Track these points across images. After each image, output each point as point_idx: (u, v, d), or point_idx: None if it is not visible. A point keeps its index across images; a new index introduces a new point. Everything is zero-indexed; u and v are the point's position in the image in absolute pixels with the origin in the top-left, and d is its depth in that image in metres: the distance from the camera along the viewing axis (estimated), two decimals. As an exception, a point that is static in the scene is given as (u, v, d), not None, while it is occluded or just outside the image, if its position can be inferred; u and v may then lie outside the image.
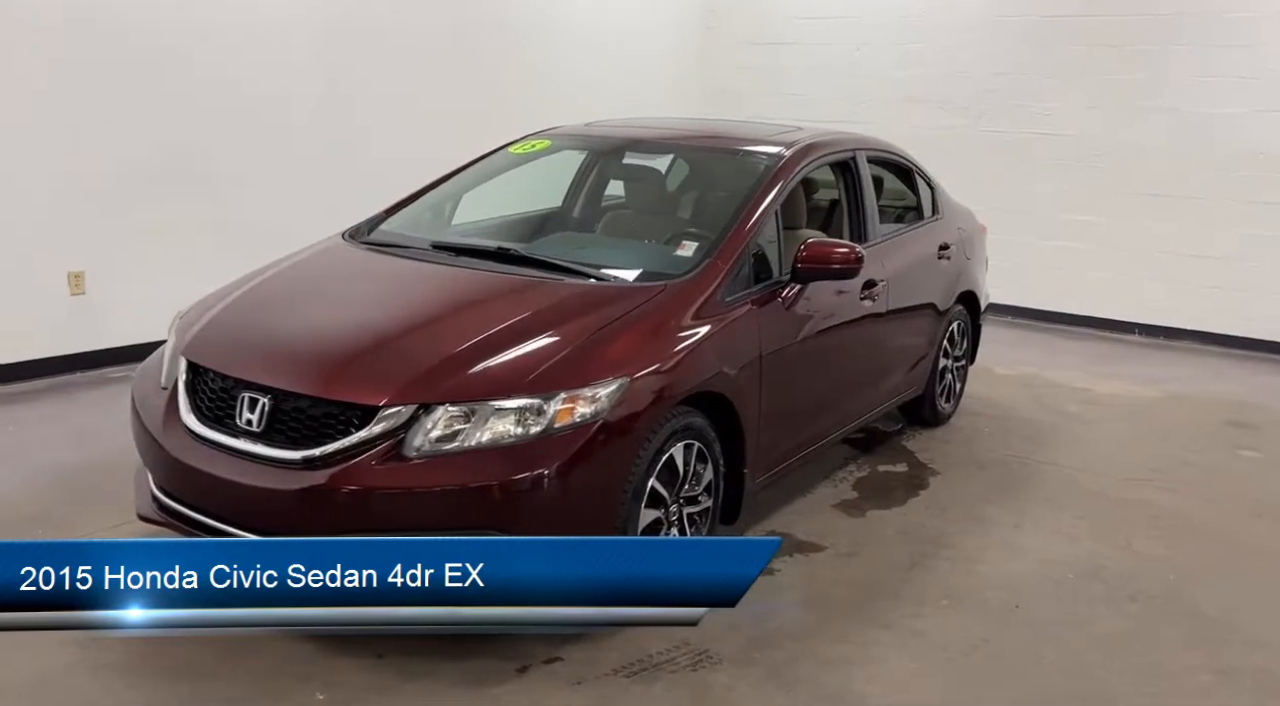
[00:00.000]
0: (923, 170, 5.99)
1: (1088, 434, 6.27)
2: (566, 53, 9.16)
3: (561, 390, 3.37)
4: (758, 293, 4.22)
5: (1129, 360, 8.08)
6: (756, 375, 4.14)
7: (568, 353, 3.51)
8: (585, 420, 3.38)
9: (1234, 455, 6.03)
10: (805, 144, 4.85)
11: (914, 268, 5.51)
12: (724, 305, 4.02)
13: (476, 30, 8.39)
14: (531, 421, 3.33)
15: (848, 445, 5.81)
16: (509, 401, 3.34)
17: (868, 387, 5.21)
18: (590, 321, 3.68)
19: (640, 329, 3.71)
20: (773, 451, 4.42)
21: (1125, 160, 8.69)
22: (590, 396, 3.40)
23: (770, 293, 4.29)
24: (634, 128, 5.40)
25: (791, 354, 4.39)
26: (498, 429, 3.32)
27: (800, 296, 4.40)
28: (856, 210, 5.20)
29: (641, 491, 3.61)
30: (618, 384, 3.45)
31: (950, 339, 6.10)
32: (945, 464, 5.66)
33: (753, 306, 4.16)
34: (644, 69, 9.88)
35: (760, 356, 4.14)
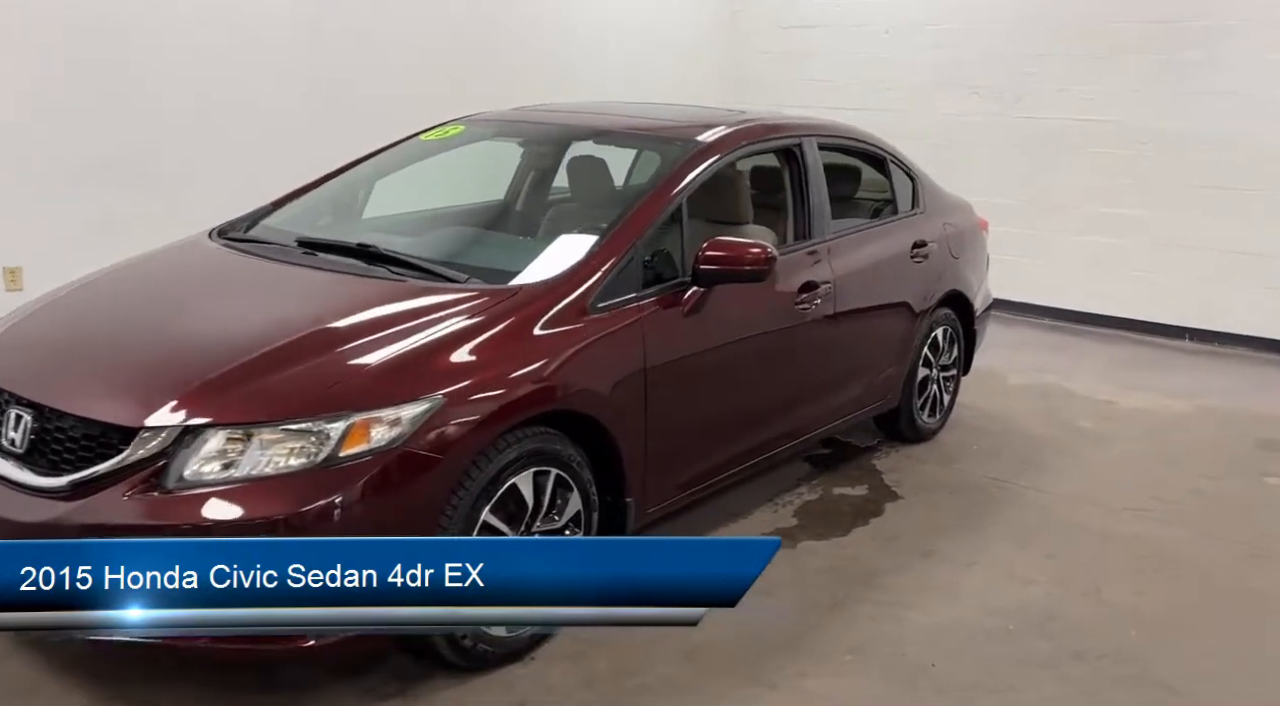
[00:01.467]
0: (901, 159, 5.37)
1: (1093, 454, 5.59)
2: (585, 40, 8.71)
3: (352, 411, 2.90)
4: (649, 297, 3.69)
5: (1169, 369, 7.31)
6: (640, 392, 3.61)
7: (371, 367, 3.03)
8: (383, 446, 2.90)
9: (1257, 482, 5.30)
10: (727, 132, 4.29)
11: (876, 267, 4.91)
12: (596, 311, 3.50)
13: (489, 15, 7.93)
14: (315, 447, 2.85)
15: (808, 462, 5.24)
16: (292, 423, 2.87)
17: (811, 402, 4.63)
18: (414, 330, 3.19)
19: (472, 339, 3.22)
20: (670, 478, 3.90)
21: (1175, 149, 7.88)
22: (390, 418, 2.92)
23: (667, 297, 3.76)
24: (554, 113, 4.89)
25: (694, 367, 3.86)
26: (278, 455, 2.85)
27: (705, 301, 3.86)
28: (801, 203, 4.63)
29: (470, 527, 3.12)
30: (426, 404, 2.97)
31: (933, 346, 5.47)
32: (912, 487, 5.04)
33: (639, 313, 3.63)
34: (666, 56, 9.35)
35: (645, 370, 3.62)
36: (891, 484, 5.07)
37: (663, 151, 4.20)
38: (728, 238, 3.88)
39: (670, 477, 3.89)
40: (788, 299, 4.30)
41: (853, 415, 5.03)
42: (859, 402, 5.03)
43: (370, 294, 3.44)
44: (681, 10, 9.49)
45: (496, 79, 7.83)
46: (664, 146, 4.24)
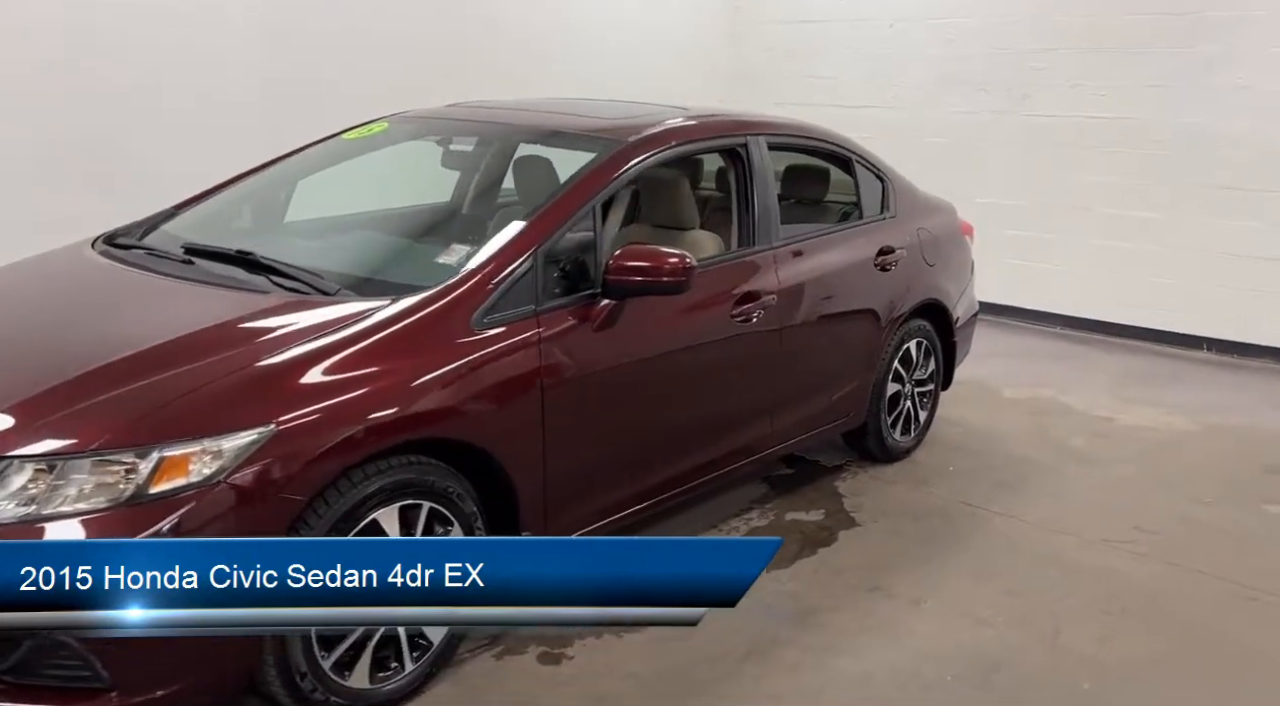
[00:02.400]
0: (869, 159, 5.00)
1: (1079, 477, 5.18)
2: (583, 36, 8.40)
3: (165, 441, 2.58)
4: (551, 310, 3.35)
5: (1180, 382, 6.85)
6: (536, 415, 3.28)
7: (197, 392, 2.71)
8: (201, 481, 2.59)
9: (1256, 511, 4.86)
10: (654, 131, 3.94)
11: (832, 276, 4.54)
12: (482, 326, 3.16)
13: (483, 12, 7.66)
14: (123, 482, 2.55)
15: (766, 483, 4.88)
16: (100, 455, 2.57)
17: (756, 422, 4.27)
18: (259, 350, 2.88)
19: (325, 359, 2.89)
20: (581, 506, 3.57)
21: (1193, 147, 7.42)
22: (210, 450, 2.61)
23: (573, 310, 3.42)
24: (481, 110, 4.56)
25: (605, 387, 3.53)
26: (85, 491, 2.55)
27: (619, 315, 3.51)
28: (746, 208, 4.27)
29: (319, 568, 2.78)
30: (254, 434, 2.65)
31: (905, 359, 5.08)
32: (873, 512, 4.67)
33: (537, 328, 3.29)
34: (666, 54, 9.02)
35: (542, 391, 3.27)
36: (851, 508, 4.69)
37: (584, 152, 3.85)
38: (642, 246, 3.54)
39: (581, 506, 3.56)
40: (722, 311, 3.95)
41: (809, 434, 4.66)
42: (817, 420, 4.66)
43: (227, 308, 3.14)
44: (681, 7, 9.13)
45: (489, 77, 7.53)
46: (587, 146, 3.89)
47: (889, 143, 8.63)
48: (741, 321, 4.03)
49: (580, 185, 3.59)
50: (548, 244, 3.40)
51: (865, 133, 8.77)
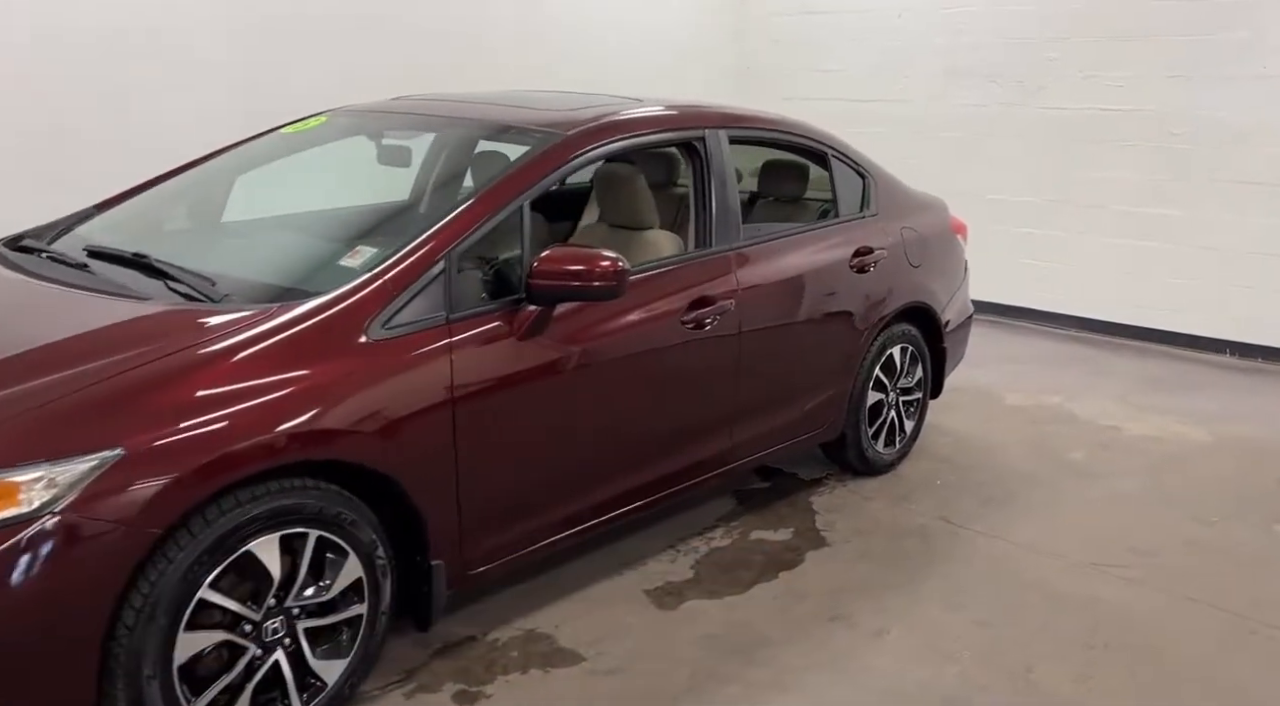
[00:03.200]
0: (847, 154, 4.67)
1: (1077, 493, 4.83)
2: (587, 29, 8.13)
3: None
4: (465, 318, 3.06)
5: (1199, 388, 6.46)
6: (446, 433, 3.00)
7: (33, 410, 2.45)
8: (30, 512, 2.32)
9: (1265, 532, 4.49)
10: (592, 126, 3.65)
11: (802, 279, 4.24)
12: (380, 336, 2.88)
13: (485, 13, 7.43)
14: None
15: (735, 498, 4.57)
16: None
17: (709, 436, 3.96)
18: (112, 363, 2.60)
19: (189, 375, 2.62)
20: (507, 530, 3.28)
21: (1216, 140, 7.03)
22: (40, 478, 2.34)
23: (492, 317, 3.14)
24: (426, 103, 4.27)
25: (530, 400, 3.24)
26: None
27: (547, 322, 3.22)
28: (703, 206, 3.96)
29: (179, 609, 2.52)
30: (95, 459, 2.38)
31: (887, 366, 4.75)
32: (846, 531, 4.35)
33: (448, 337, 3.01)
34: (670, 48, 8.73)
35: (453, 406, 2.99)
36: (823, 526, 4.37)
37: (519, 146, 3.56)
38: (569, 247, 3.25)
39: (505, 532, 3.28)
40: (670, 317, 3.65)
41: (779, 446, 4.35)
42: (787, 432, 4.35)
43: (98, 317, 2.88)
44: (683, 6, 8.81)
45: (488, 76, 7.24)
46: (521, 140, 3.60)
47: (897, 137, 8.34)
48: (693, 328, 3.71)
49: (505, 182, 3.31)
50: (463, 245, 3.11)
51: (873, 127, 8.46)
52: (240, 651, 2.68)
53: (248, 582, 2.69)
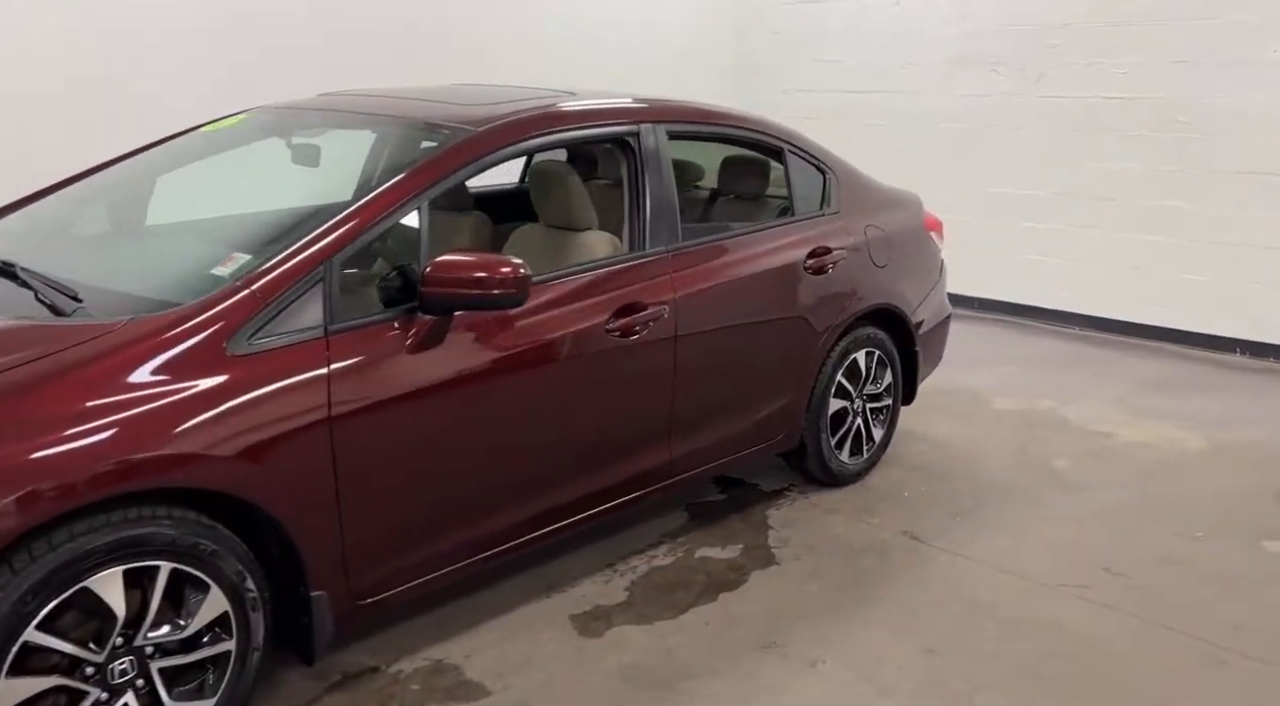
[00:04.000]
0: (805, 150, 4.41)
1: (1056, 506, 4.54)
2: (586, 22, 7.95)
3: None
4: (346, 331, 2.85)
5: (1202, 390, 6.13)
6: (322, 457, 2.79)
7: None
8: None
9: (1253, 549, 4.18)
10: (507, 121, 3.42)
11: (749, 282, 3.99)
12: (244, 352, 2.67)
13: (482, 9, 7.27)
14: None
15: (687, 511, 4.33)
16: None
17: (642, 451, 3.72)
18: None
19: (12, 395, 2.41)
20: (395, 562, 3.07)
21: (1226, 130, 6.70)
22: None
23: (379, 328, 2.92)
24: (346, 99, 4.06)
25: (423, 419, 3.01)
26: None
27: (442, 333, 3.00)
28: (637, 204, 3.73)
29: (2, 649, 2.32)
30: None
31: (851, 372, 4.49)
32: (799, 548, 4.09)
33: (325, 351, 2.79)
34: (670, 42, 8.52)
35: (330, 425, 2.78)
36: (775, 543, 4.12)
37: (429, 142, 3.34)
38: (464, 253, 3.02)
39: (398, 559, 3.06)
40: (593, 325, 3.41)
41: (729, 458, 4.12)
42: (737, 443, 4.11)
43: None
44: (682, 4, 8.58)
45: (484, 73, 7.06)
46: (430, 136, 3.38)
47: (896, 129, 8.05)
48: (620, 336, 3.47)
49: (399, 183, 3.07)
50: (348, 251, 2.89)
51: (872, 119, 8.19)
52: (80, 696, 2.47)
53: (93, 621, 2.48)
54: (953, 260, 7.69)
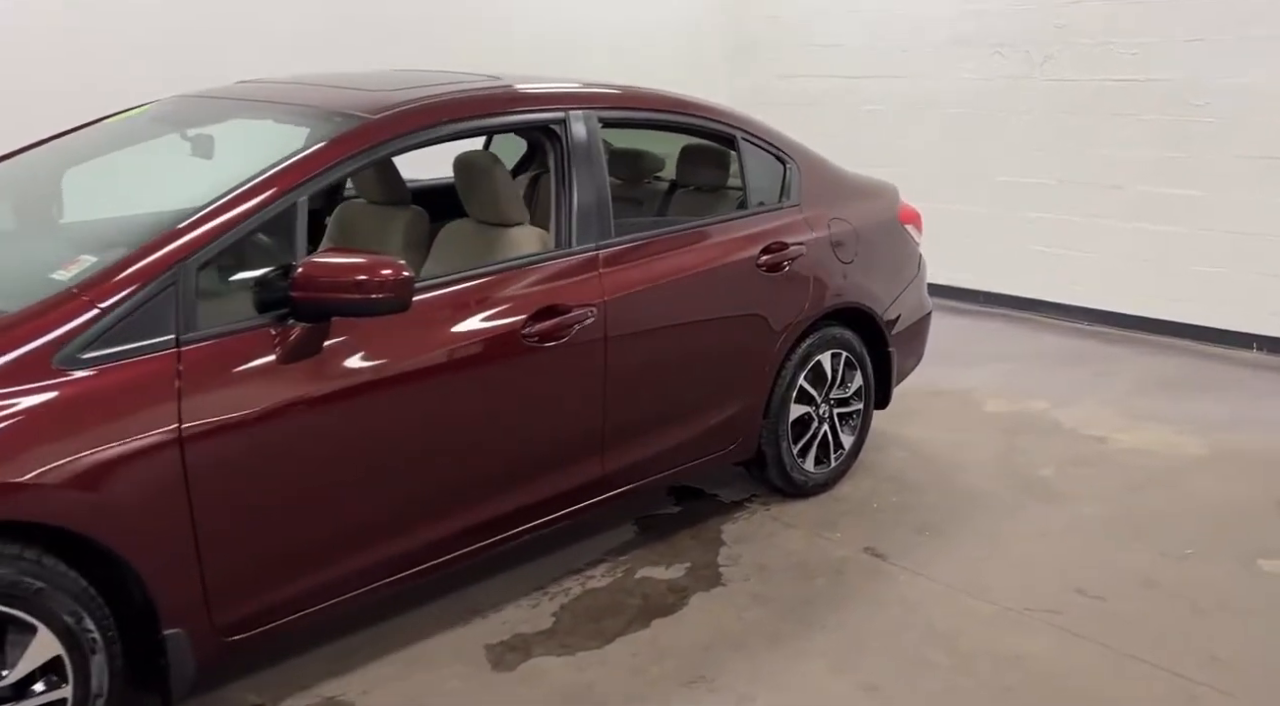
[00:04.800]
0: (763, 137, 4.07)
1: (1035, 520, 4.18)
2: (577, 6, 7.67)
3: None
4: (201, 341, 2.55)
5: (1211, 389, 5.73)
6: (173, 481, 2.49)
7: None
8: None
9: (1245, 568, 3.81)
10: (405, 109, 3.11)
11: (691, 281, 3.67)
12: (77, 367, 2.38)
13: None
14: None
15: (637, 525, 4.02)
16: None
17: (568, 466, 3.41)
18: None
19: None
20: (269, 595, 2.78)
21: (1242, 113, 6.27)
22: None
23: (245, 339, 2.62)
24: (256, 86, 3.77)
25: (298, 438, 2.72)
26: None
27: (319, 342, 2.70)
28: (564, 198, 3.41)
29: None
30: None
31: (815, 376, 4.15)
32: (749, 567, 3.77)
33: (175, 366, 2.50)
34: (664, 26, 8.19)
35: (181, 446, 2.49)
36: (725, 561, 3.80)
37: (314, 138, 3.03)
38: (339, 253, 2.73)
39: (283, 588, 2.77)
40: (505, 330, 3.10)
41: (674, 471, 3.82)
42: (685, 454, 3.80)
43: None
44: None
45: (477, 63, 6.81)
46: (322, 126, 3.08)
47: (896, 115, 7.66)
48: (538, 341, 3.15)
49: (274, 176, 2.77)
50: (207, 253, 2.59)
51: (871, 105, 7.80)
52: None
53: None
54: (955, 252, 7.33)
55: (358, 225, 4.04)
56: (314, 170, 2.83)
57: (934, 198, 7.37)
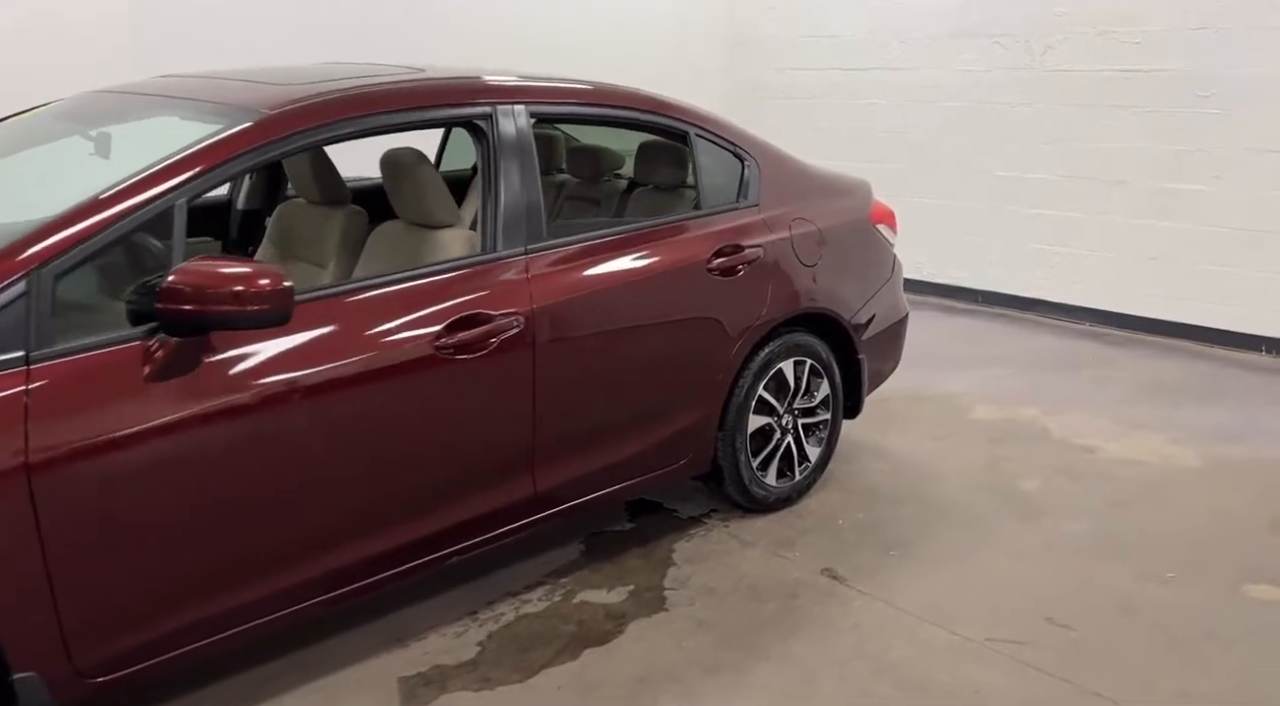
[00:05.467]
0: (721, 134, 3.80)
1: (1011, 539, 3.90)
2: (577, 6, 7.46)
3: None
4: (55, 357, 2.33)
5: (1214, 396, 5.39)
6: (19, 512, 2.26)
7: None
8: None
9: (1230, 594, 3.51)
10: (301, 106, 2.86)
11: (634, 286, 3.40)
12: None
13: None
14: None
15: (584, 544, 3.77)
16: None
17: (499, 485, 3.15)
18: None
19: None
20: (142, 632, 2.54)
21: (1249, 105, 5.93)
22: None
23: (109, 355, 2.38)
24: (171, 81, 3.53)
25: (178, 457, 2.47)
26: None
27: (194, 358, 2.46)
28: (490, 198, 3.15)
29: None
30: None
31: (776, 385, 3.88)
32: (697, 590, 3.51)
33: (25, 382, 2.28)
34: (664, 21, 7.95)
35: (27, 473, 2.26)
36: (672, 584, 3.54)
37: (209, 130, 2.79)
38: (212, 261, 2.47)
39: (152, 626, 2.53)
40: (414, 341, 2.84)
41: (618, 488, 3.56)
42: (627, 471, 3.55)
43: None
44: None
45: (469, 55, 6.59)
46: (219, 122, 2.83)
47: (894, 108, 7.35)
48: (453, 352, 2.90)
49: (148, 178, 2.54)
50: (64, 261, 2.36)
51: (869, 99, 7.49)
52: None
53: None
54: (953, 249, 7.00)
55: (295, 226, 3.82)
56: (191, 171, 2.58)
57: (932, 193, 7.10)
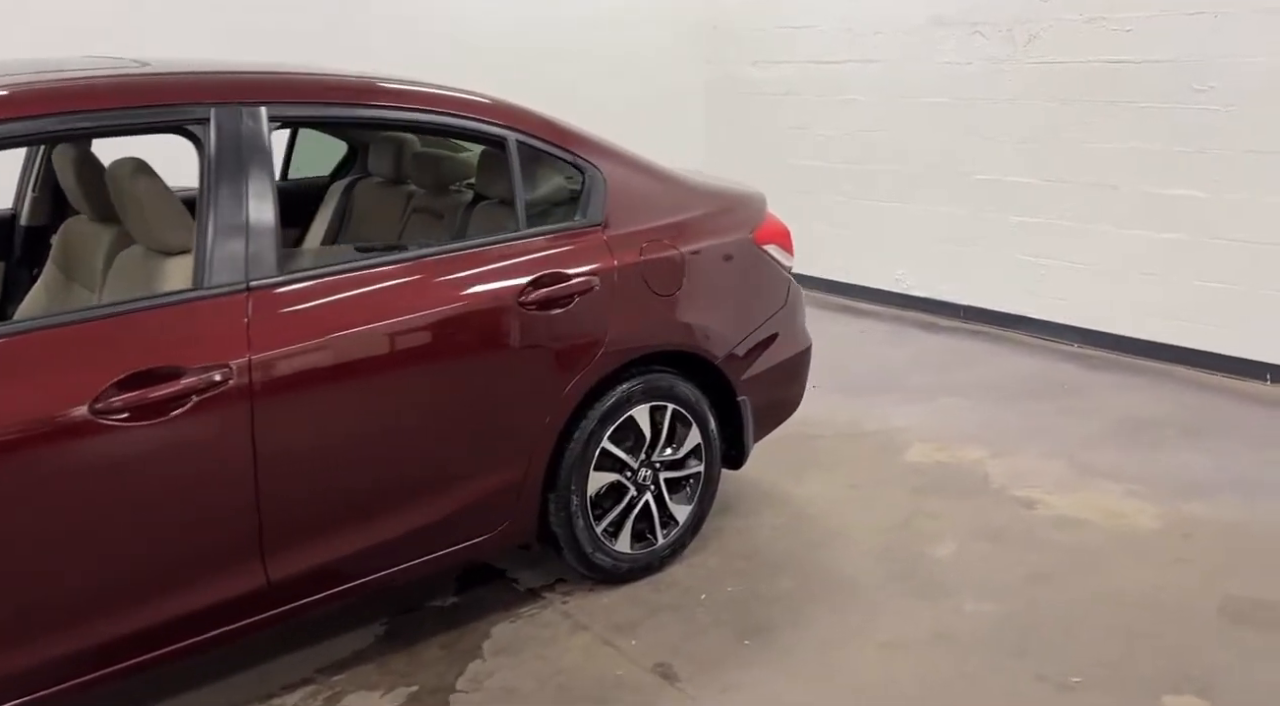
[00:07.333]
0: (551, 139, 3.11)
1: (895, 621, 3.19)
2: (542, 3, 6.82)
3: None
4: None
5: (1196, 434, 4.58)
6: None
7: None
8: None
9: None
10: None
11: (405, 324, 2.73)
12: None
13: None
14: None
15: (386, 626, 3.11)
16: None
17: (211, 578, 2.49)
18: None
19: None
20: None
21: (1252, 100, 5.08)
22: None
23: None
24: None
25: None
26: None
27: None
28: (203, 221, 2.51)
29: None
30: None
31: (629, 436, 3.17)
32: (491, 693, 2.87)
33: None
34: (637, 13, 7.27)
35: None
36: (466, 685, 2.89)
37: None
38: None
39: None
40: (67, 402, 2.19)
41: (402, 568, 2.88)
42: (411, 547, 2.89)
43: None
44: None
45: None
46: None
47: (870, 105, 6.59)
48: (128, 418, 2.24)
49: None
50: None
51: (844, 95, 6.70)
52: None
53: None
54: (931, 261, 6.19)
55: (73, 244, 3.25)
56: None
57: (908, 199, 6.33)
